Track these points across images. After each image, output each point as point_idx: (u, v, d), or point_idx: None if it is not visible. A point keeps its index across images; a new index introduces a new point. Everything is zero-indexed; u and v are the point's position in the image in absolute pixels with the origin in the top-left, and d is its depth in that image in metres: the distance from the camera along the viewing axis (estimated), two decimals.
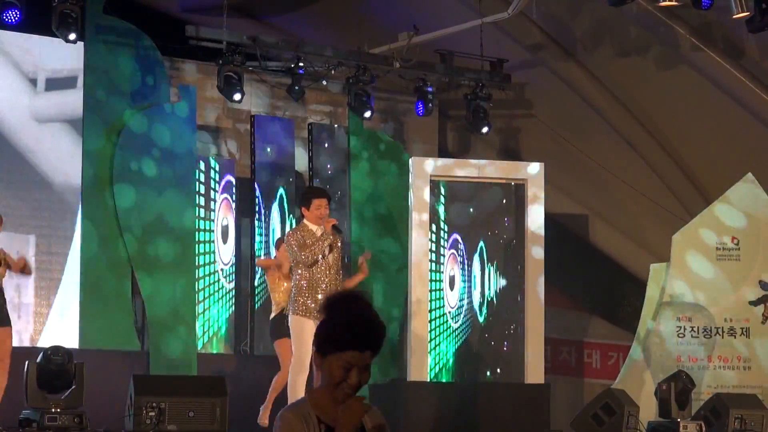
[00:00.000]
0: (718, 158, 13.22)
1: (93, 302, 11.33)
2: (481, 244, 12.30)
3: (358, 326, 3.51)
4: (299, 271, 9.12)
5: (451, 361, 12.16)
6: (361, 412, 3.50)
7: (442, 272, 12.15)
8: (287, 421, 3.47)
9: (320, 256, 9.09)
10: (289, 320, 9.25)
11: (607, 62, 13.17)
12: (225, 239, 12.37)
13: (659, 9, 11.85)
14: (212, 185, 12.35)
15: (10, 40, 11.40)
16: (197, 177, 12.08)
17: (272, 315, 10.50)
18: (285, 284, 10.26)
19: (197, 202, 12.05)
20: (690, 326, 11.97)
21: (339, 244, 9.28)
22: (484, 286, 12.27)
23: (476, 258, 12.28)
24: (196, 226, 12.03)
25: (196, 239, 12.00)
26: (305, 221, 9.25)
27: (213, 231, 12.28)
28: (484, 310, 12.25)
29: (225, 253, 12.36)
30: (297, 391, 9.13)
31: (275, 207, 12.67)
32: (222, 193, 12.40)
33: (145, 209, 11.62)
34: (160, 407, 8.64)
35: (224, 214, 12.42)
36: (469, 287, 12.25)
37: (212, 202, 12.32)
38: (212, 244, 12.24)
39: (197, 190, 12.07)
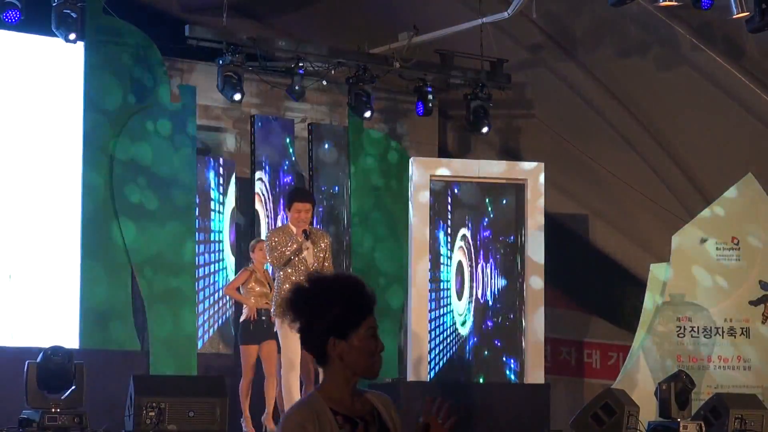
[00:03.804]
0: (718, 158, 13.22)
1: (94, 302, 11.33)
2: (482, 244, 12.30)
3: (362, 291, 3.44)
4: (281, 274, 9.18)
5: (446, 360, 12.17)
6: None
7: (445, 272, 12.15)
8: (293, 423, 3.36)
9: (292, 257, 9.13)
10: (276, 323, 9.39)
11: (607, 62, 13.17)
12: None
13: (659, 9, 11.84)
14: (213, 186, 12.35)
15: None
16: (197, 180, 12.10)
17: (242, 318, 10.64)
18: (258, 288, 10.47)
19: (197, 206, 12.08)
20: (690, 326, 11.97)
21: (325, 246, 9.29)
22: (484, 286, 12.26)
23: (476, 258, 12.28)
24: (198, 226, 12.05)
25: (197, 239, 12.02)
26: (289, 222, 9.34)
27: (221, 231, 12.29)
28: (484, 310, 12.24)
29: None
30: (291, 389, 9.19)
31: (275, 207, 12.68)
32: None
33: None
34: (160, 407, 8.64)
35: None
36: (470, 287, 12.25)
37: (212, 202, 12.32)
38: (220, 244, 12.26)
39: (197, 192, 12.09)
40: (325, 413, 3.41)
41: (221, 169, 12.46)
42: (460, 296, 12.18)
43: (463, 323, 12.16)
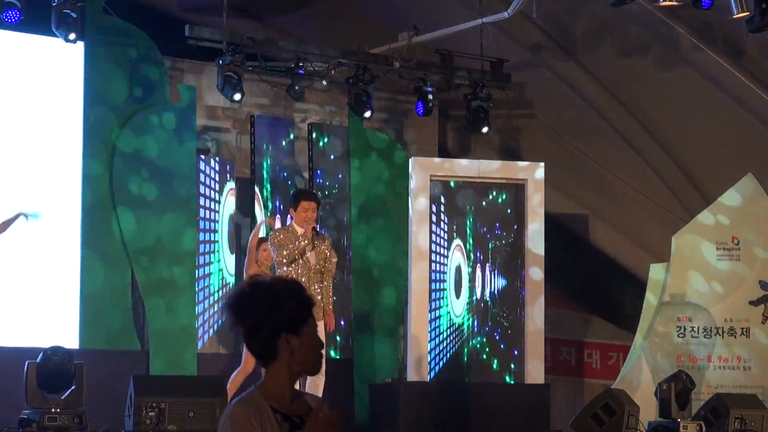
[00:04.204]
0: (718, 158, 13.22)
1: (93, 302, 11.33)
2: (482, 244, 12.30)
3: (303, 289, 3.56)
4: (280, 273, 9.27)
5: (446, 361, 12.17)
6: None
7: (445, 272, 12.15)
8: (239, 417, 3.40)
9: (297, 256, 9.29)
10: None
11: (607, 62, 13.17)
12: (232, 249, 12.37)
13: (659, 9, 11.84)
14: (212, 185, 12.35)
15: None
16: (198, 177, 12.10)
17: None
18: None
19: (198, 202, 12.08)
20: (690, 326, 11.97)
21: (326, 248, 9.47)
22: (484, 285, 12.26)
23: (476, 258, 12.28)
24: (197, 227, 12.05)
25: (197, 240, 12.03)
26: (293, 223, 9.48)
27: (216, 231, 12.29)
28: (484, 310, 12.24)
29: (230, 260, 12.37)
30: None
31: (275, 208, 12.69)
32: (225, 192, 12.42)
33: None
34: (160, 407, 8.64)
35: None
36: (470, 287, 12.25)
37: (211, 202, 12.32)
38: (216, 244, 12.26)
39: (198, 190, 12.10)
40: (266, 410, 3.45)
41: (217, 166, 12.44)
42: (457, 296, 12.18)
43: (462, 323, 12.16)
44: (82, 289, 11.33)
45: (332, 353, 12.40)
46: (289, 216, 9.82)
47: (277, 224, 12.46)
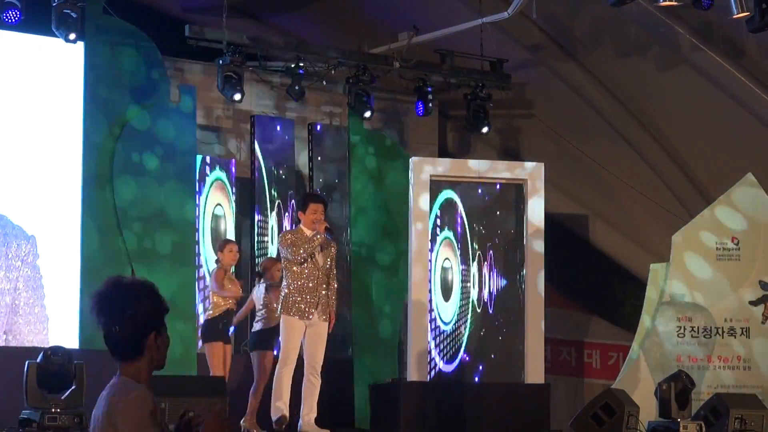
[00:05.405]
0: (718, 158, 13.22)
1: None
2: (482, 244, 12.29)
3: (157, 290, 3.76)
4: (289, 273, 9.43)
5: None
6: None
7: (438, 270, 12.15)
8: (144, 398, 3.63)
9: (310, 255, 9.48)
10: (281, 320, 9.55)
11: (607, 62, 13.17)
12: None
13: (659, 9, 11.84)
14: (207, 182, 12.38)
15: None
16: (197, 178, 12.10)
17: (217, 314, 10.70)
18: (233, 288, 10.55)
19: (197, 201, 12.09)
20: (690, 326, 11.96)
21: (333, 251, 9.70)
22: (484, 285, 12.26)
23: (477, 257, 12.28)
24: (197, 225, 12.06)
25: (197, 238, 12.03)
26: (301, 225, 9.66)
27: (197, 229, 12.30)
28: (484, 310, 12.24)
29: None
30: (282, 382, 9.44)
31: (275, 207, 12.68)
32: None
33: (146, 206, 11.65)
34: (160, 407, 8.64)
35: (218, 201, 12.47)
36: (469, 287, 12.25)
37: (197, 196, 12.34)
38: (199, 246, 12.27)
39: (197, 190, 12.10)
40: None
41: (215, 165, 12.45)
42: (447, 297, 12.18)
43: (457, 323, 12.15)
44: (82, 288, 11.30)
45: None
46: (288, 217, 9.86)
47: (275, 224, 12.47)
